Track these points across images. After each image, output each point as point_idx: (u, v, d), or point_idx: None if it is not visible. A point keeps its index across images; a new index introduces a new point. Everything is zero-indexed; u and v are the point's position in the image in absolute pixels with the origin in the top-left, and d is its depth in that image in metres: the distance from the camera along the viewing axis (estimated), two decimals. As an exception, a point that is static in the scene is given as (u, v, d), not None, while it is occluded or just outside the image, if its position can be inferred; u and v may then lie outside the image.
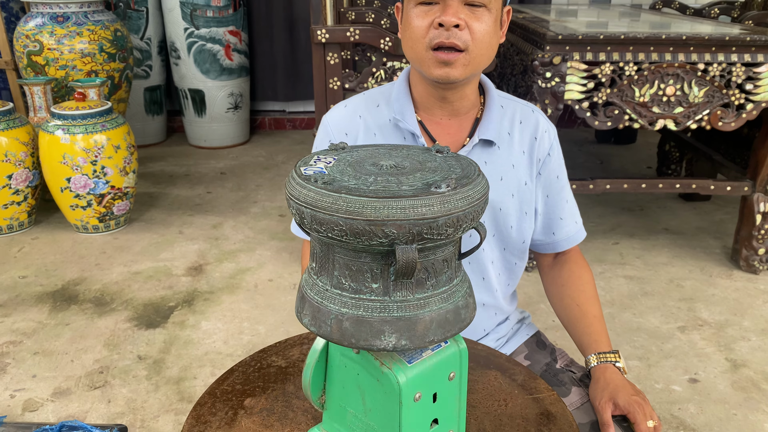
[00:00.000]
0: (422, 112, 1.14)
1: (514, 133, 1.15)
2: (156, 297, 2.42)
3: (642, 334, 2.21)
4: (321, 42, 2.32)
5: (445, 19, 0.98)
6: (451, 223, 0.58)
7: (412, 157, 0.70)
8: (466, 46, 1.00)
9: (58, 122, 2.75)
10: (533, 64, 2.25)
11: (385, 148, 0.75)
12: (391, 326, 0.62)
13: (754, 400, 1.88)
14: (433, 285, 0.64)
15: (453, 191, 0.59)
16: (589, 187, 2.49)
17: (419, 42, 1.03)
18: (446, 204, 0.58)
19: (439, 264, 0.64)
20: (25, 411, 1.81)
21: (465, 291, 0.68)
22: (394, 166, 0.67)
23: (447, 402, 0.72)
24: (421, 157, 0.70)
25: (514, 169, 1.15)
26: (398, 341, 0.62)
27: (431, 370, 0.69)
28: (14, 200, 2.87)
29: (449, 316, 0.64)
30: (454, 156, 0.71)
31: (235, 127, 4.36)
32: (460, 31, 0.99)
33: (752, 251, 2.60)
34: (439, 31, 1.00)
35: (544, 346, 1.27)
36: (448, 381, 0.71)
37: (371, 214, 0.57)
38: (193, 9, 3.94)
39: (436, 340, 0.63)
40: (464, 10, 1.00)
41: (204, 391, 0.92)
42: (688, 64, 2.25)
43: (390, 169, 0.66)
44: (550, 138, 1.17)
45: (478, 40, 1.01)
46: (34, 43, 3.25)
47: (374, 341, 0.62)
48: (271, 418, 0.87)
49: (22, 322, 2.25)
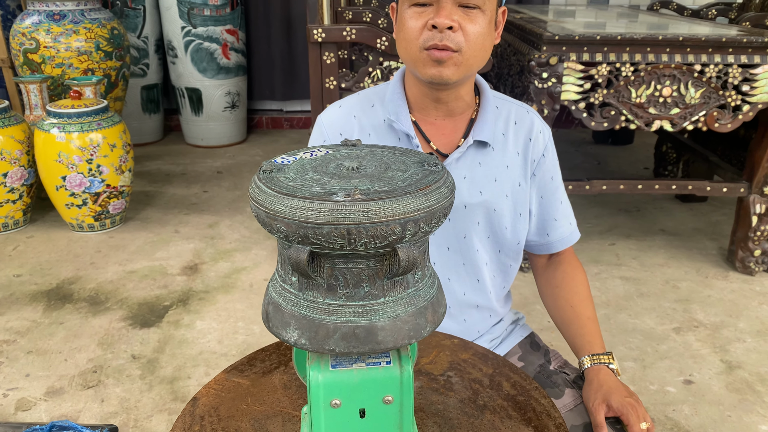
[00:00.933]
0: (417, 112, 1.13)
1: (509, 134, 1.15)
2: (151, 296, 2.42)
3: (637, 335, 2.20)
4: (317, 41, 2.31)
5: (438, 21, 0.98)
6: (339, 234, 0.57)
7: (389, 163, 0.68)
8: (459, 47, 1.00)
9: (54, 120, 2.75)
10: (530, 64, 2.25)
11: (388, 151, 0.72)
12: (296, 322, 0.64)
13: (748, 402, 1.88)
14: (347, 295, 0.63)
15: (349, 202, 0.57)
16: (585, 187, 2.49)
17: (413, 43, 1.02)
18: (334, 213, 0.57)
19: (353, 276, 0.62)
20: (18, 410, 1.81)
21: (395, 314, 0.64)
22: (353, 168, 0.66)
23: (381, 425, 0.69)
24: (398, 165, 0.67)
25: (508, 170, 1.14)
26: (299, 338, 0.63)
27: (357, 384, 0.67)
28: (9, 198, 2.86)
29: (359, 331, 0.62)
30: (433, 171, 0.66)
31: (232, 126, 4.35)
32: (453, 33, 0.99)
33: (748, 253, 2.60)
34: (433, 33, 0.99)
35: (537, 348, 1.27)
36: (382, 403, 0.68)
37: (269, 207, 0.60)
38: (190, 7, 3.94)
39: (338, 351, 0.62)
40: (458, 11, 0.99)
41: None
42: (685, 65, 2.25)
43: (347, 172, 0.65)
44: (544, 139, 1.17)
45: (471, 41, 1.00)
46: (31, 41, 3.24)
47: (281, 331, 0.65)
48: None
49: (16, 320, 2.24)
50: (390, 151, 0.72)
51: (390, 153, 0.71)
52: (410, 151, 0.72)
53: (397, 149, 0.73)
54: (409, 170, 0.65)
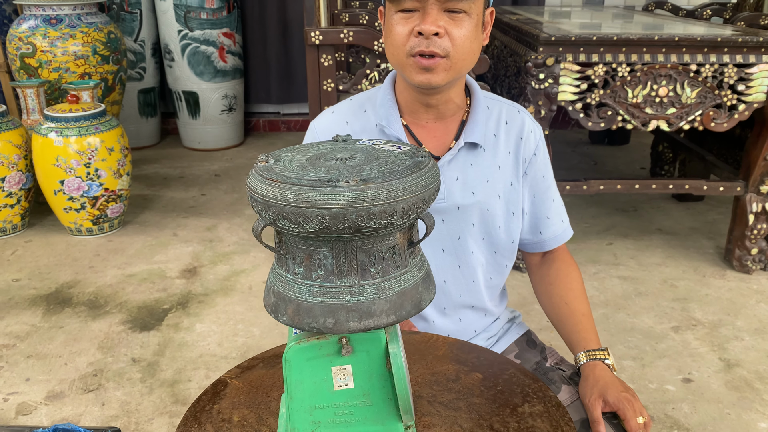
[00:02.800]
0: (408, 116, 1.14)
1: (500, 134, 1.16)
2: (150, 299, 2.42)
3: (636, 334, 2.21)
4: (315, 44, 2.32)
5: (424, 27, 0.98)
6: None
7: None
8: (447, 53, 1.00)
9: (52, 125, 2.75)
10: (526, 65, 2.26)
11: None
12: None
13: (747, 400, 1.89)
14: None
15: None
16: (582, 187, 2.50)
17: (400, 49, 1.02)
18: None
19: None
20: (18, 414, 1.80)
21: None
22: (346, 159, 0.69)
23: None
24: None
25: (500, 170, 1.15)
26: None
27: None
28: (7, 203, 2.86)
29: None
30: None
31: (229, 129, 4.36)
32: (439, 39, 0.99)
33: (745, 251, 2.61)
34: (419, 40, 0.99)
35: (534, 345, 1.28)
36: None
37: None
38: (186, 11, 3.94)
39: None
40: (443, 17, 0.99)
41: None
42: (681, 65, 2.26)
43: (341, 162, 0.68)
44: (536, 138, 1.18)
45: (458, 46, 1.00)
46: (27, 46, 3.24)
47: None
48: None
49: (15, 325, 2.24)
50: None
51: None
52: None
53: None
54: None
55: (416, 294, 0.69)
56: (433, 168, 0.67)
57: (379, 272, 0.66)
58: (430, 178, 0.66)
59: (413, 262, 0.70)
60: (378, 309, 0.66)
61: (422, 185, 0.64)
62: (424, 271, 0.72)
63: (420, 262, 0.72)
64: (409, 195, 0.62)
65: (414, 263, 0.70)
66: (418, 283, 0.70)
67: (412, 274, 0.69)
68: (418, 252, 0.72)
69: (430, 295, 0.72)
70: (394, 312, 0.67)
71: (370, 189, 0.61)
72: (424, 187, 0.64)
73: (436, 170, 0.68)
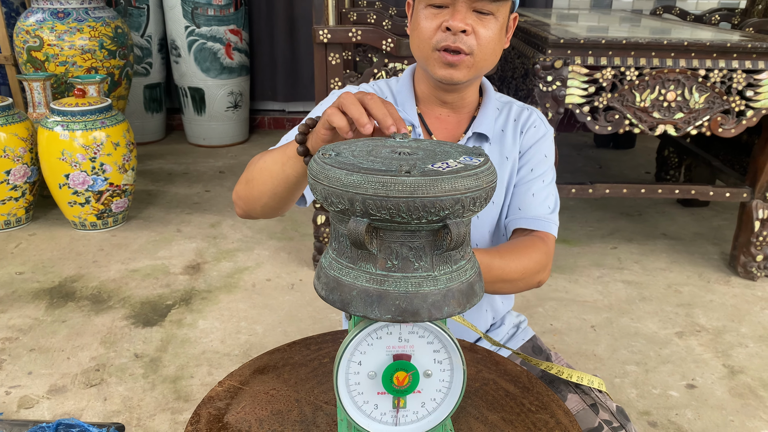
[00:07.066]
0: (422, 105, 1.18)
1: (508, 130, 1.19)
2: (153, 295, 2.42)
3: (640, 339, 2.21)
4: (323, 42, 2.32)
5: (453, 24, 1.01)
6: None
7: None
8: (472, 50, 1.03)
9: (58, 118, 2.74)
10: (535, 67, 2.25)
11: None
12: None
13: (751, 407, 1.88)
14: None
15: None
16: (588, 191, 2.49)
17: (426, 42, 1.06)
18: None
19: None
20: (20, 408, 1.80)
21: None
22: (405, 153, 0.70)
23: None
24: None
25: (507, 161, 1.18)
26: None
27: None
28: (12, 196, 2.86)
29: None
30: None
31: (234, 126, 4.36)
32: (466, 36, 1.02)
33: (750, 258, 2.60)
34: (446, 35, 1.03)
35: (540, 351, 1.27)
36: None
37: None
38: (194, 7, 3.94)
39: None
40: (472, 16, 1.02)
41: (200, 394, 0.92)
42: (689, 69, 2.26)
43: (399, 156, 0.69)
44: (537, 133, 1.19)
45: (483, 45, 1.04)
46: (34, 39, 3.24)
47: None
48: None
49: (18, 318, 2.24)
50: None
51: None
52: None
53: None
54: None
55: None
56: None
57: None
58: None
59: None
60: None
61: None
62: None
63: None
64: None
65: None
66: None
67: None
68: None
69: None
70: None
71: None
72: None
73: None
